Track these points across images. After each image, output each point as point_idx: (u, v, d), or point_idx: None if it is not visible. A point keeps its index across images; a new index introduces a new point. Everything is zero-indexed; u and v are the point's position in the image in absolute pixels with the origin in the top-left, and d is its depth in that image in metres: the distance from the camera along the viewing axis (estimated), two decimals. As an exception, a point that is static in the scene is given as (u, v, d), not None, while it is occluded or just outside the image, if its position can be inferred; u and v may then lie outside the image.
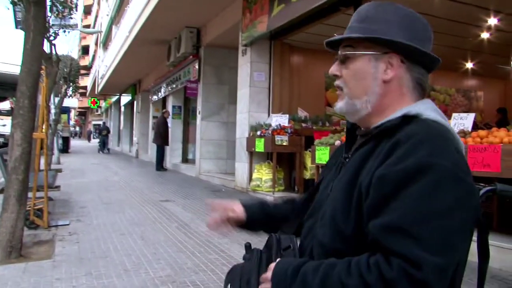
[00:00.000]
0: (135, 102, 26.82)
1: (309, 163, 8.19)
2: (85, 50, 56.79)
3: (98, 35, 35.23)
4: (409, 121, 1.11)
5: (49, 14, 11.05)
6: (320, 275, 1.02)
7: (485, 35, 9.91)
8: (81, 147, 35.75)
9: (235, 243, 5.37)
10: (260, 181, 9.17)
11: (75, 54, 40.81)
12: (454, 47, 10.44)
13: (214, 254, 4.90)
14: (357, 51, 1.21)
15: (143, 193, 9.75)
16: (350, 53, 1.22)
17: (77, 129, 74.80)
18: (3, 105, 13.79)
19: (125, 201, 8.61)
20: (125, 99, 30.49)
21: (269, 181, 9.04)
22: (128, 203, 8.35)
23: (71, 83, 24.49)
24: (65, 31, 13.96)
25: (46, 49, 11.67)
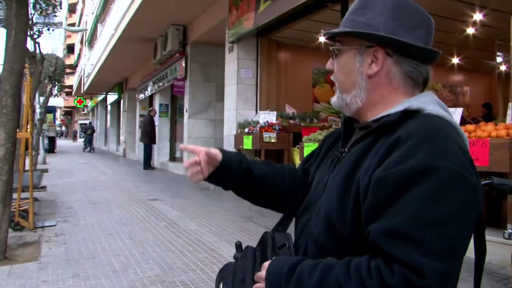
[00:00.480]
0: (121, 100, 26.64)
1: (297, 160, 8.17)
2: (70, 48, 56.26)
3: (83, 33, 34.93)
4: (410, 116, 1.06)
5: (32, 11, 10.90)
6: (317, 275, 0.97)
7: (470, 30, 9.98)
8: (68, 147, 35.45)
9: (224, 241, 5.35)
10: (249, 179, 9.13)
11: (60, 53, 40.29)
12: (440, 42, 10.47)
13: (204, 253, 4.86)
14: (344, 45, 1.19)
15: (131, 192, 9.67)
16: (335, 48, 1.21)
17: (63, 128, 74.15)
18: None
19: (113, 200, 8.53)
20: (111, 98, 30.26)
21: (258, 178, 8.99)
22: (115, 202, 8.28)
23: (56, 82, 24.20)
24: (49, 29, 13.77)
25: (30, 48, 11.51)
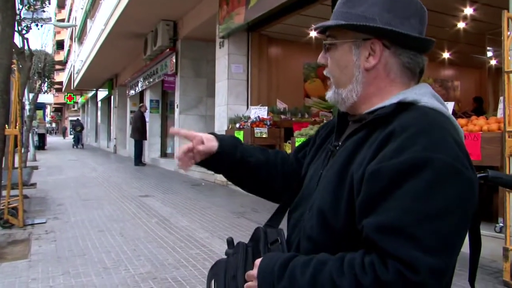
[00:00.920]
0: (112, 97, 26.52)
1: (289, 155, 8.16)
2: (59, 44, 55.83)
3: (73, 29, 34.65)
4: (405, 108, 1.05)
5: (20, 6, 10.78)
6: (310, 271, 0.95)
7: (461, 24, 10.01)
8: (58, 144, 35.22)
9: (216, 237, 5.33)
10: (240, 174, 9.12)
11: (49, 49, 40.06)
12: (431, 36, 10.47)
13: (195, 249, 4.83)
14: (337, 39, 1.15)
15: (122, 189, 9.62)
16: (329, 42, 1.17)
17: (53, 125, 73.68)
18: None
19: (104, 197, 8.47)
20: (101, 94, 30.13)
21: (249, 174, 8.98)
22: (106, 199, 8.22)
23: (45, 79, 24.06)
24: (37, 24, 13.66)
25: (19, 44, 11.39)
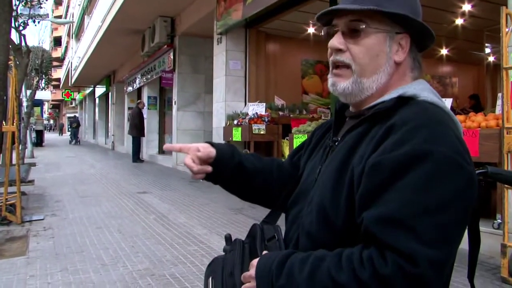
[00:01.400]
0: (109, 93, 26.46)
1: (287, 152, 8.16)
2: (57, 41, 55.69)
3: (70, 25, 34.56)
4: (405, 103, 1.05)
5: (16, 2, 10.75)
6: (308, 268, 0.94)
7: (459, 21, 9.99)
8: (56, 140, 35.19)
9: (214, 234, 5.32)
10: (238, 171, 9.11)
11: (46, 46, 39.97)
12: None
13: (193, 245, 4.83)
14: (371, 26, 1.09)
15: (120, 185, 9.61)
16: (369, 27, 1.09)
17: (51, 122, 73.54)
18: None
19: (102, 194, 8.46)
20: (99, 90, 30.04)
21: (247, 170, 8.97)
22: (104, 195, 8.21)
23: (43, 75, 24.03)
24: (34, 21, 13.61)
25: (16, 40, 11.36)
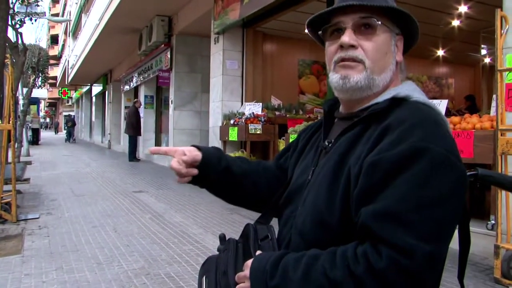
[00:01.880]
0: (106, 92, 26.40)
1: (283, 152, 8.15)
2: (54, 39, 55.51)
3: (67, 24, 34.47)
4: (398, 103, 1.07)
5: (13, 0, 10.71)
6: (303, 266, 0.95)
7: (455, 22, 10.03)
8: (52, 139, 35.10)
9: (209, 233, 5.33)
10: (234, 170, 9.11)
11: (43, 44, 39.87)
12: (425, 34, 10.52)
13: (189, 245, 4.84)
14: (382, 23, 1.13)
15: (116, 184, 9.60)
16: (382, 25, 1.12)
17: (47, 120, 73.33)
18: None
19: (98, 192, 8.46)
20: (96, 89, 29.98)
21: (243, 170, 8.97)
22: (100, 194, 8.21)
23: (40, 73, 23.96)
24: (31, 19, 13.58)
25: (12, 38, 11.33)
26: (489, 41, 10.02)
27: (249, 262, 1.07)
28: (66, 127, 32.76)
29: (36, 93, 29.87)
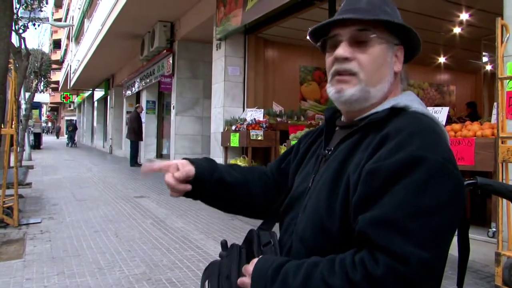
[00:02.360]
0: (108, 97, 26.45)
1: (284, 158, 8.16)
2: (56, 44, 55.72)
3: (70, 29, 34.59)
4: (397, 113, 1.09)
5: (17, 5, 10.77)
6: (302, 274, 0.97)
7: (457, 29, 10.06)
8: (54, 143, 35.18)
9: (211, 239, 5.34)
10: (236, 176, 9.12)
11: (46, 48, 39.97)
12: (426, 41, 10.54)
13: (190, 250, 4.85)
14: (378, 36, 1.14)
15: (117, 189, 9.62)
16: (378, 37, 1.14)
17: (49, 124, 73.39)
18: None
19: (99, 197, 8.47)
20: (98, 94, 30.08)
21: (245, 176, 8.98)
22: (102, 199, 8.22)
23: (42, 78, 24.03)
24: (34, 24, 13.63)
25: (16, 43, 11.39)
26: (490, 48, 10.03)
27: (254, 260, 1.09)
28: (67, 132, 33.20)
29: (38, 97, 29.92)
